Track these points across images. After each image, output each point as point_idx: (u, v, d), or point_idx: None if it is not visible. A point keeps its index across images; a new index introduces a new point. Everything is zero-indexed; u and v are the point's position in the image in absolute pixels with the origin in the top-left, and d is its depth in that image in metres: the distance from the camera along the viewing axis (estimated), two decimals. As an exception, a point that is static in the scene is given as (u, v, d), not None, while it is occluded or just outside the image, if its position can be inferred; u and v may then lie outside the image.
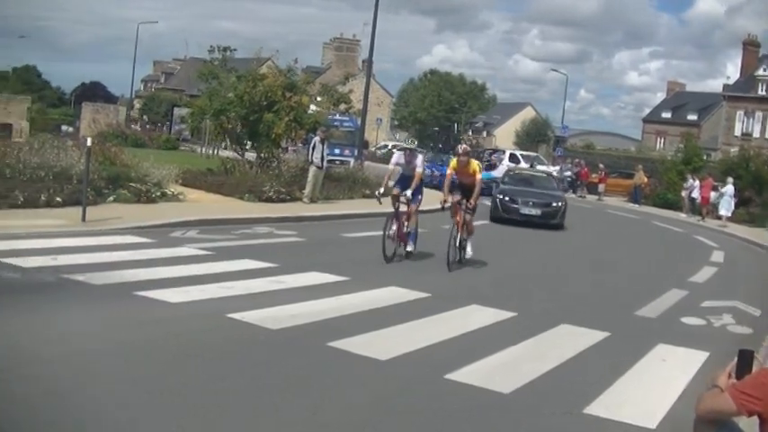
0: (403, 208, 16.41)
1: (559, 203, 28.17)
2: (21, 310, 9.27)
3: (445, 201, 16.19)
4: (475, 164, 16.53)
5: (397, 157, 17.05)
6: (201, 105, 30.45)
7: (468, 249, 16.70)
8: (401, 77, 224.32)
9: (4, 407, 6.39)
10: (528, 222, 27.06)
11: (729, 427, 5.04)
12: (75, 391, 6.90)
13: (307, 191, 25.46)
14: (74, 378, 7.23)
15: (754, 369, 5.03)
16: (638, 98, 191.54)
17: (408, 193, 16.15)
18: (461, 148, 16.89)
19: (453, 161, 16.64)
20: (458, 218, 16.27)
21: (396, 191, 16.67)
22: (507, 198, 28.06)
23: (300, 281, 12.86)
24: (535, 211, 27.49)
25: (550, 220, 27.48)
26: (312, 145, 26.48)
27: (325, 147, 26.35)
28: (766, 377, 4.64)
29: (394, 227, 16.21)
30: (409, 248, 16.61)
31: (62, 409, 6.47)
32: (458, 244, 16.26)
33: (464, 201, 16.35)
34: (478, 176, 16.32)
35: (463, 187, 16.52)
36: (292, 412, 7.00)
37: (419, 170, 16.54)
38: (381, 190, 16.93)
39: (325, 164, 26.44)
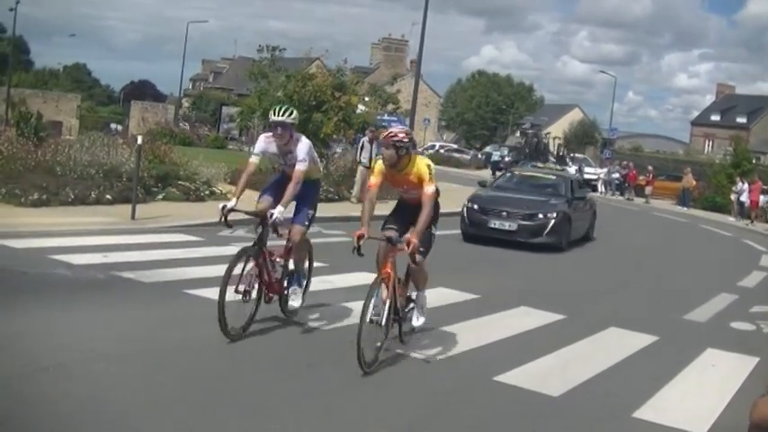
0: (277, 236, 9.94)
1: (550, 215, 20.71)
2: (71, 308, 9.40)
3: (359, 237, 8.87)
4: (421, 164, 9.04)
5: (265, 142, 9.84)
6: (250, 104, 30.69)
7: (415, 319, 9.49)
8: (449, 78, 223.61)
9: (49, 403, 6.46)
10: (503, 241, 20.06)
11: None
12: (123, 388, 6.97)
13: (354, 191, 25.50)
14: (123, 375, 7.32)
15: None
16: (686, 100, 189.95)
17: (277, 212, 9.22)
18: (391, 134, 9.01)
19: (377, 163, 9.39)
20: (387, 269, 8.98)
21: (262, 203, 9.74)
22: (476, 207, 20.99)
23: (348, 281, 12.86)
24: (509, 225, 20.24)
25: (532, 238, 20.23)
26: (361, 145, 26.54)
27: (373, 147, 26.39)
28: None
29: (247, 271, 9.19)
30: (293, 303, 9.83)
31: (110, 405, 6.55)
32: (385, 319, 8.57)
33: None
34: (428, 189, 8.96)
35: (406, 209, 9.65)
36: (343, 413, 7.03)
37: (300, 167, 9.51)
38: (231, 204, 9.32)
39: (373, 164, 26.39)
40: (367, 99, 34.26)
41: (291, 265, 9.91)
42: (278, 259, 9.77)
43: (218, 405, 6.83)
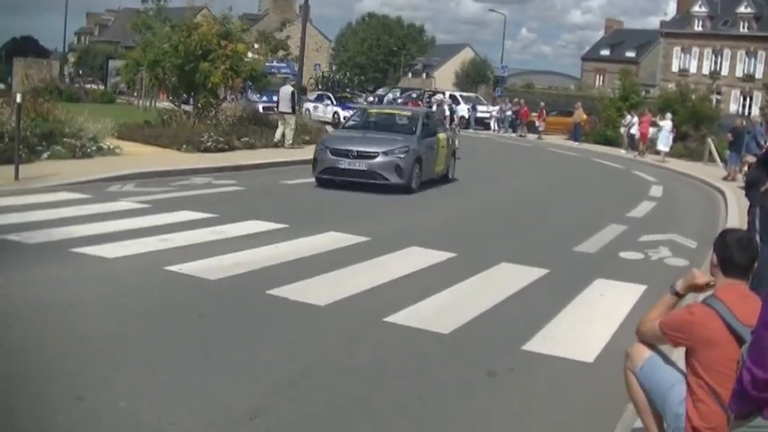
0: None
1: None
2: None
3: None
4: None
5: None
6: (136, 57, 30.05)
7: None
8: (343, 22, 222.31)
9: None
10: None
11: (660, 353, 5.21)
12: (15, 353, 6.83)
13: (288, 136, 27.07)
14: (13, 340, 7.16)
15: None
16: (579, 36, 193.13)
17: None
18: None
19: None
20: None
21: None
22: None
23: (239, 230, 12.80)
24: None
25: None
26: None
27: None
28: (690, 314, 4.81)
29: None
30: None
31: (8, 369, 6.42)
32: None
33: None
34: None
35: None
36: (232, 363, 6.98)
37: None
38: None
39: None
40: (256, 46, 33.85)
41: None
42: None
43: (109, 362, 6.74)
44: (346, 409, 6.24)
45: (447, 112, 29.55)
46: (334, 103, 49.96)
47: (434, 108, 31.77)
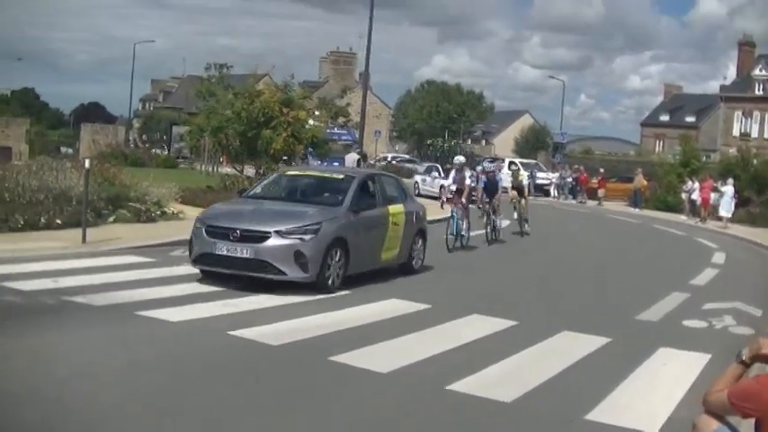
0: None
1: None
2: (23, 334, 9.28)
3: None
4: None
5: None
6: (200, 123, 30.53)
7: None
8: (401, 89, 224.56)
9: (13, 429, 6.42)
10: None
11: (729, 425, 5.14)
12: (80, 412, 6.91)
13: None
14: (79, 399, 7.25)
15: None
16: (638, 102, 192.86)
17: None
18: None
19: None
20: None
21: None
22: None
23: (302, 296, 12.87)
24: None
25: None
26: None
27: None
28: (759, 384, 4.73)
29: None
30: None
31: (66, 427, 6.52)
32: None
33: None
34: None
35: None
36: (291, 428, 7.02)
37: None
38: None
39: None
40: (317, 113, 34.25)
41: None
42: None
43: (166, 424, 6.82)
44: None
45: (468, 181, 22.78)
46: (442, 175, 41.94)
47: (452, 174, 23.60)
